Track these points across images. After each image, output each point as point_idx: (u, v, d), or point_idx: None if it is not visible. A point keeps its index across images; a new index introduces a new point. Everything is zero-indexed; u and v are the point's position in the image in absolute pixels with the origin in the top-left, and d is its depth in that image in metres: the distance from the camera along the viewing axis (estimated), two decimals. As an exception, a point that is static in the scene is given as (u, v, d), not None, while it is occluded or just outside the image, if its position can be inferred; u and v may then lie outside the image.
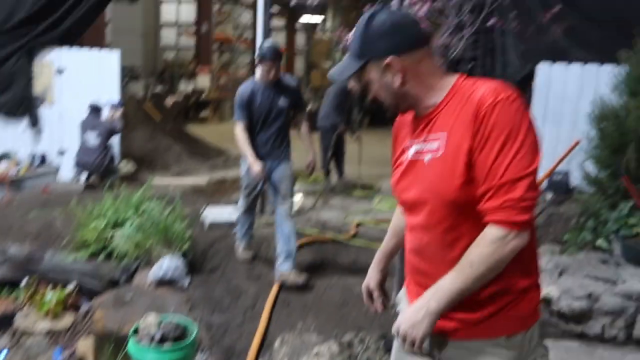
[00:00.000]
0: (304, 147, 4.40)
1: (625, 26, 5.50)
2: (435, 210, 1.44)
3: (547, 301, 3.40)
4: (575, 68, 5.70)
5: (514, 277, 1.43)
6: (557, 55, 5.78)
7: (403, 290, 1.71)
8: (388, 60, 1.43)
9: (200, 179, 8.39)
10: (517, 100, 1.36)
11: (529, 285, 1.47)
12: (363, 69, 1.47)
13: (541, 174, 5.64)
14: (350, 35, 1.51)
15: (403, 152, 1.56)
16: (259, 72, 4.13)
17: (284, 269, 4.11)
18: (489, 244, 1.35)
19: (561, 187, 5.46)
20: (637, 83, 4.20)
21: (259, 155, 4.08)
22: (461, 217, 1.42)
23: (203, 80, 18.81)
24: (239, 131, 4.12)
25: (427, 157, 1.45)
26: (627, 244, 3.72)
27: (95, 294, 3.89)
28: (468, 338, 1.47)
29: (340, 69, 1.51)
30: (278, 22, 27.79)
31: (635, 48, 4.30)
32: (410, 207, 1.54)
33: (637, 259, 3.66)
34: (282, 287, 4.07)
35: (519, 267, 1.43)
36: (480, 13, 3.22)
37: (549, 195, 5.50)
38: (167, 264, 3.89)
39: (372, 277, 1.83)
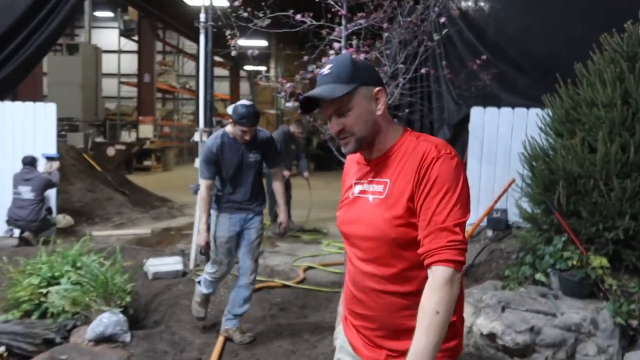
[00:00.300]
0: (278, 201, 4.13)
1: (547, 72, 5.94)
2: (375, 246, 1.55)
3: (492, 336, 3.46)
4: (506, 111, 6.02)
5: None
6: (489, 100, 6.11)
7: (340, 327, 1.77)
8: (378, 89, 1.57)
9: (143, 230, 8.15)
10: (456, 157, 1.52)
11: (455, 320, 1.55)
12: (353, 92, 1.54)
13: (480, 212, 5.85)
14: (326, 69, 1.55)
15: (349, 188, 1.68)
16: (233, 130, 3.82)
17: (230, 325, 3.94)
18: (443, 286, 1.42)
19: (500, 224, 5.66)
20: (561, 124, 4.46)
21: (232, 209, 3.86)
22: (397, 258, 1.53)
23: (146, 130, 18.57)
24: (204, 189, 3.86)
25: (371, 197, 1.57)
26: (564, 277, 3.86)
27: (28, 356, 3.66)
28: None
29: (329, 89, 1.52)
30: (222, 70, 28.11)
31: (557, 93, 4.60)
32: (353, 240, 1.63)
33: (574, 291, 3.81)
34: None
35: None
36: (413, 62, 3.38)
37: (489, 233, 5.68)
38: (107, 319, 3.72)
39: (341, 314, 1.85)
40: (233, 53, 4.13)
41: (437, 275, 1.42)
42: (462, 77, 4.82)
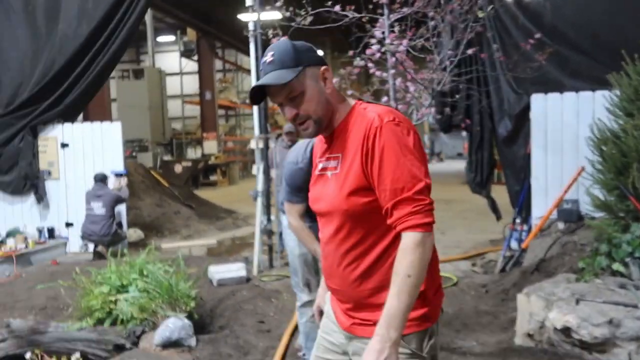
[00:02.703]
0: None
1: (611, 52, 5.58)
2: (333, 220, 1.59)
3: (567, 331, 3.24)
4: (570, 96, 5.70)
5: None
6: (550, 86, 5.81)
7: (328, 294, 1.81)
8: (324, 67, 1.59)
9: (209, 240, 8.36)
10: (401, 123, 1.52)
11: (426, 289, 1.55)
12: (300, 75, 1.54)
13: (549, 203, 5.55)
14: (268, 57, 1.55)
15: (315, 167, 1.73)
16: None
17: None
18: (414, 250, 1.44)
19: (572, 215, 5.34)
20: (630, 103, 4.17)
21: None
22: (357, 231, 1.56)
23: (210, 146, 19.14)
24: (296, 219, 2.95)
25: (330, 173, 1.62)
26: (645, 265, 3.58)
27: (101, 362, 3.79)
28: (367, 336, 1.53)
29: (277, 76, 1.52)
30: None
31: (624, 71, 4.30)
32: (320, 217, 1.68)
33: (657, 279, 3.52)
34: (293, 336, 3.93)
35: None
36: (458, 46, 3.26)
37: (560, 225, 5.37)
38: (172, 324, 3.79)
39: (321, 296, 1.90)
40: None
41: (408, 240, 1.45)
42: (517, 59, 4.60)
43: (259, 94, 1.60)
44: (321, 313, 1.88)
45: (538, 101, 5.75)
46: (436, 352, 1.62)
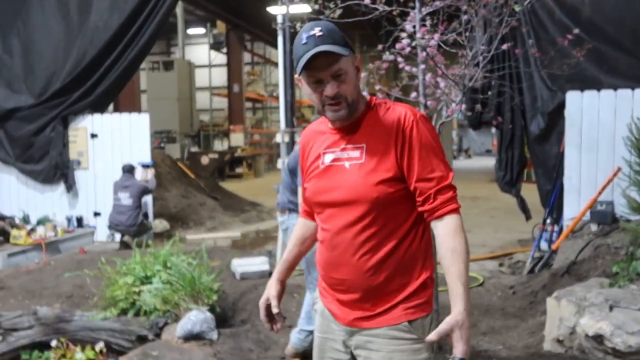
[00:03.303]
0: None
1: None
2: (357, 209, 1.59)
3: (599, 338, 3.12)
4: (608, 94, 5.50)
5: (416, 270, 1.62)
6: (587, 84, 5.62)
7: (317, 293, 1.80)
8: (358, 57, 1.62)
9: (234, 233, 8.38)
10: (429, 120, 1.66)
11: (427, 278, 1.63)
12: (348, 57, 1.56)
13: (582, 204, 5.38)
14: (316, 30, 1.52)
15: (317, 158, 1.69)
16: None
17: None
18: (462, 230, 1.55)
19: (606, 217, 5.16)
20: (674, 101, 3.99)
21: None
22: (379, 219, 1.58)
23: (237, 138, 19.24)
24: None
25: (347, 164, 1.62)
26: (683, 272, 3.42)
27: (124, 351, 3.82)
28: (372, 327, 1.62)
29: (336, 49, 1.52)
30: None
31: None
32: (330, 208, 1.65)
33: (696, 287, 3.36)
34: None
35: (421, 264, 1.63)
36: (493, 42, 3.14)
37: (593, 227, 5.20)
38: (194, 317, 3.79)
39: (272, 287, 1.84)
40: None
41: (454, 222, 1.55)
42: (553, 55, 4.43)
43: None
44: (267, 308, 1.84)
45: (574, 99, 5.56)
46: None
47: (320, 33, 1.53)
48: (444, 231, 1.55)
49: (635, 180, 4.22)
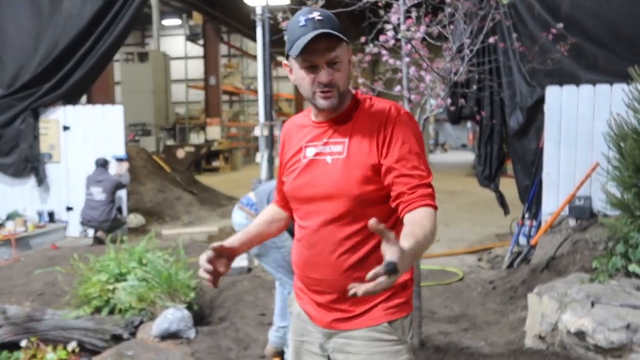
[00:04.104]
0: None
1: (631, 45, 5.40)
2: (336, 205, 1.53)
3: (581, 334, 3.12)
4: (587, 89, 5.52)
5: None
6: (566, 79, 5.64)
7: (293, 294, 1.75)
8: (351, 49, 1.56)
9: (211, 227, 8.23)
10: (413, 117, 1.59)
11: (407, 280, 1.59)
12: (344, 45, 1.52)
13: (561, 200, 5.41)
14: (315, 14, 1.47)
15: (299, 151, 1.63)
16: None
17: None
18: (434, 219, 1.42)
19: (584, 212, 5.19)
20: (654, 97, 4.01)
21: None
22: (360, 217, 1.51)
23: (213, 131, 18.99)
24: None
25: (329, 158, 1.56)
26: (662, 268, 3.45)
27: (98, 351, 3.69)
28: (350, 329, 1.57)
29: (329, 30, 1.45)
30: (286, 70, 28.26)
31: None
32: (310, 204, 1.59)
33: (675, 283, 3.38)
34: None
35: None
36: (479, 36, 3.09)
37: (571, 222, 5.23)
38: (171, 315, 3.69)
39: (218, 243, 1.63)
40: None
41: (428, 211, 1.43)
42: (535, 50, 4.42)
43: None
44: (209, 259, 1.56)
45: (553, 93, 5.57)
46: (414, 338, 1.65)
47: (320, 17, 1.48)
48: (415, 214, 1.44)
49: (615, 176, 4.24)
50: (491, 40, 3.17)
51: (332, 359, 1.62)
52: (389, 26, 3.00)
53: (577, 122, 5.54)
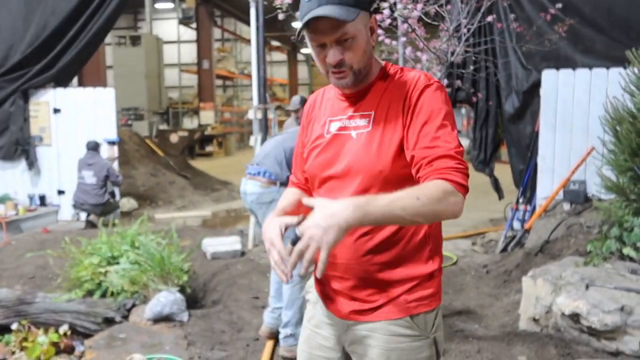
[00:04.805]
0: None
1: (628, 30, 5.36)
2: (358, 182, 1.42)
3: (575, 317, 3.11)
4: (583, 73, 5.49)
5: (422, 259, 1.45)
6: (562, 63, 5.60)
7: (311, 281, 1.65)
8: (374, 16, 1.42)
9: (204, 212, 8.20)
10: (443, 87, 1.44)
11: (434, 270, 1.47)
12: (356, 18, 1.34)
13: (556, 184, 5.40)
14: None
15: (322, 126, 1.53)
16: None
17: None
18: (440, 191, 1.26)
19: (578, 196, 5.19)
20: (650, 81, 3.98)
21: None
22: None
23: (207, 116, 18.85)
24: None
25: (354, 133, 1.45)
26: (657, 251, 3.45)
27: (90, 334, 3.66)
28: (370, 321, 1.46)
29: (338, 11, 1.30)
30: (280, 55, 28.10)
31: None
32: (332, 182, 1.47)
33: (669, 266, 3.38)
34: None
35: (428, 251, 1.46)
36: (475, 15, 3.04)
37: (566, 206, 5.22)
38: (164, 298, 3.66)
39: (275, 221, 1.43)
40: (293, 39, 3.89)
41: (440, 183, 1.27)
42: (533, 31, 4.36)
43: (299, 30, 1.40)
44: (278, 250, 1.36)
45: (549, 77, 5.54)
46: (441, 332, 1.50)
47: None
48: (427, 181, 1.29)
49: (610, 160, 4.22)
50: (489, 19, 3.11)
51: (349, 351, 1.52)
52: (385, 4, 2.93)
53: (573, 106, 5.52)
